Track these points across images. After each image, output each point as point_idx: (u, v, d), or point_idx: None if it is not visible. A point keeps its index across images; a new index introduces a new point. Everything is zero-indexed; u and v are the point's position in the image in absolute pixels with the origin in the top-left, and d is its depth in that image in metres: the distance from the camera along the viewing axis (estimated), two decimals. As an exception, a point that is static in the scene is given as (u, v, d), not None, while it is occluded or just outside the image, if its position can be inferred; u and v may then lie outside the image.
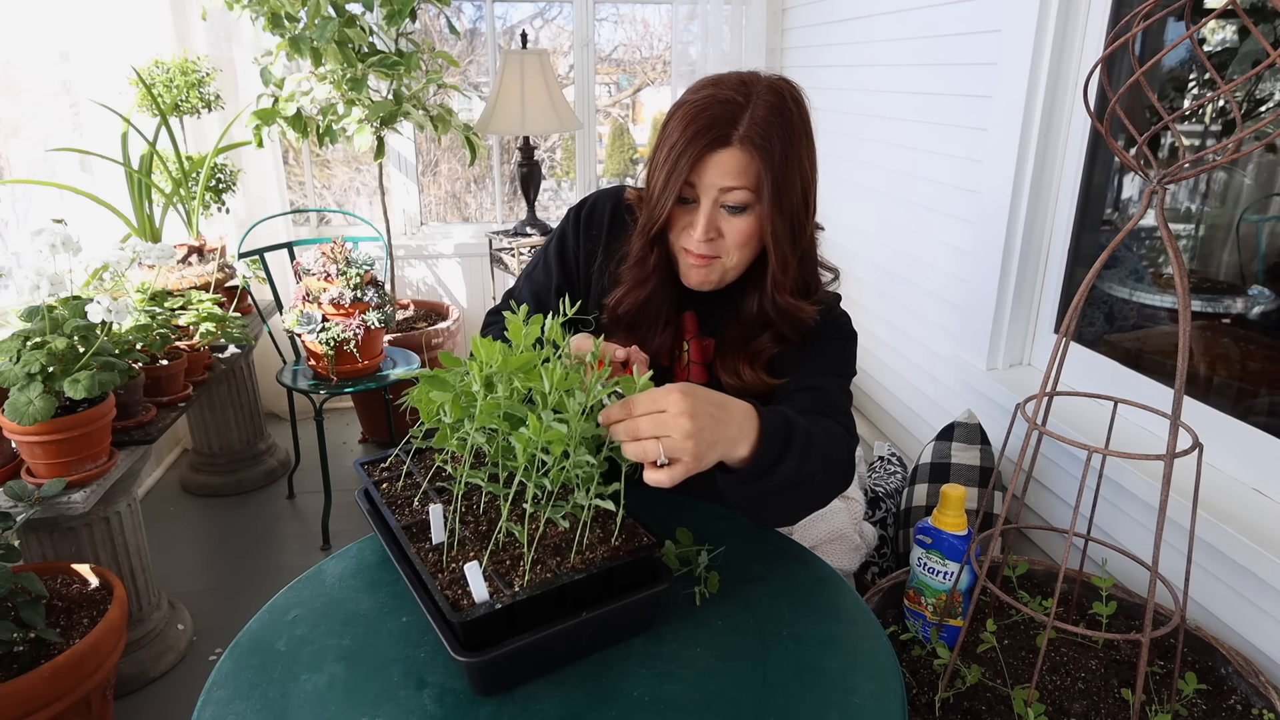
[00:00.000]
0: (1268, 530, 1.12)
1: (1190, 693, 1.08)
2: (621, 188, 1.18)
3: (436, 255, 3.15)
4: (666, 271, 1.08)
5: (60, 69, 2.36)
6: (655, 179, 0.99)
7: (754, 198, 0.97)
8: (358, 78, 2.31)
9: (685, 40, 2.90)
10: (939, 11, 1.86)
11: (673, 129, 0.97)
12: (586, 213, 1.17)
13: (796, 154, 0.98)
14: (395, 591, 0.92)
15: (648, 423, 0.77)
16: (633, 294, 1.07)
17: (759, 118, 0.94)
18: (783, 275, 1.03)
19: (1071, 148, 1.56)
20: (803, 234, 1.04)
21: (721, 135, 0.94)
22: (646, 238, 1.04)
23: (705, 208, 0.98)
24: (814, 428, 0.92)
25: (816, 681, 0.79)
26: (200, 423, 2.58)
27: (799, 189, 0.99)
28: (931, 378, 2.01)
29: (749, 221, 0.99)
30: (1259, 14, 1.22)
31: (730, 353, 1.10)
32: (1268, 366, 1.29)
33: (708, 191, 0.97)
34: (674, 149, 0.95)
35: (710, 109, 0.94)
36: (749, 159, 0.95)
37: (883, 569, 1.85)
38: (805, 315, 1.06)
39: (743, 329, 1.09)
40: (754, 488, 0.87)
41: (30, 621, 1.34)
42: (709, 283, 1.05)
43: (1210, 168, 0.88)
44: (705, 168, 0.95)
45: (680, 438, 0.77)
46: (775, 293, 1.05)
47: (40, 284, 1.43)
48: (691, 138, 0.94)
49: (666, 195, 0.97)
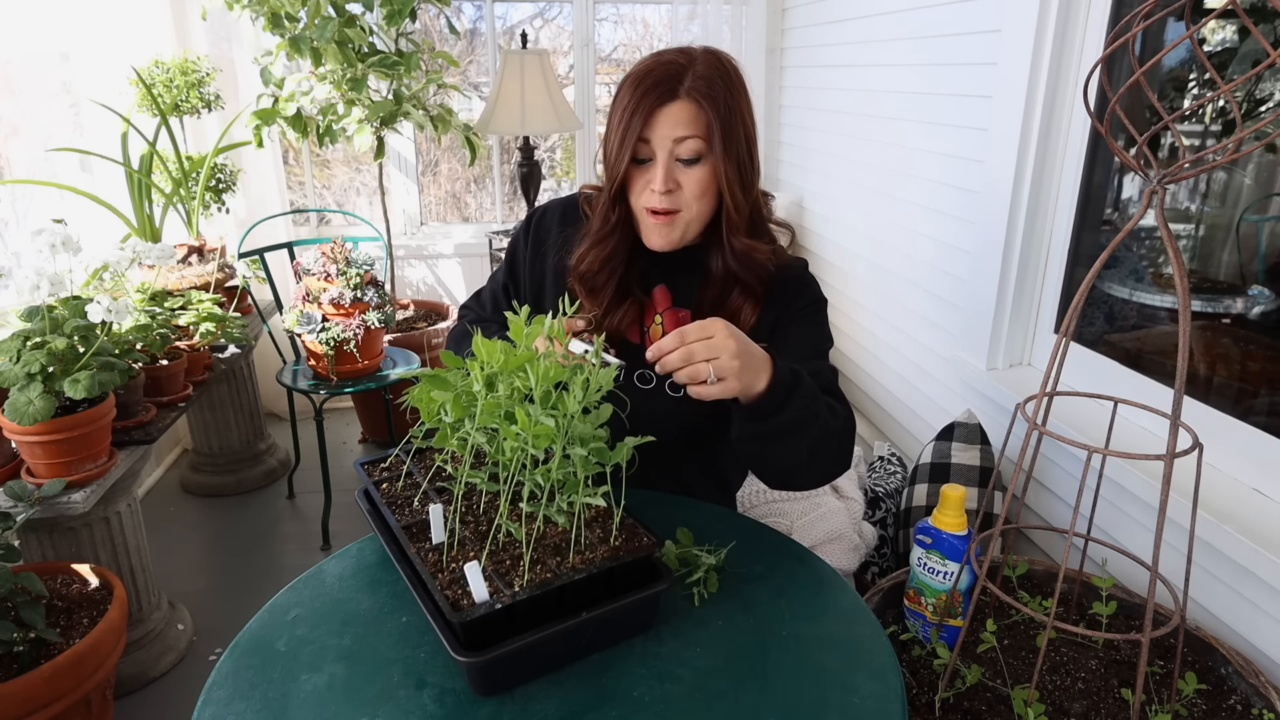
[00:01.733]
0: (1268, 530, 1.12)
1: (1190, 693, 1.08)
2: (574, 194, 1.26)
3: (436, 255, 3.15)
4: (628, 233, 1.14)
5: (60, 69, 2.36)
6: (611, 142, 1.07)
7: (705, 146, 1.04)
8: (358, 78, 2.31)
9: (685, 40, 2.90)
10: (939, 11, 1.86)
11: (623, 94, 1.05)
12: (538, 218, 1.27)
13: (738, 105, 1.05)
14: (395, 591, 0.92)
15: (701, 347, 0.87)
16: (594, 250, 1.14)
17: (701, 73, 1.03)
18: (737, 215, 1.09)
19: (1071, 148, 1.56)
20: (750, 183, 1.10)
21: (669, 89, 1.02)
22: (609, 198, 1.10)
23: (662, 160, 1.04)
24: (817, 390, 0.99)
25: (816, 681, 0.79)
26: (200, 423, 2.58)
27: (743, 138, 1.06)
28: (931, 378, 2.01)
29: (704, 171, 1.06)
30: (1259, 14, 1.22)
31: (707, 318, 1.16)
32: (1268, 366, 1.29)
33: (662, 144, 1.04)
34: (626, 110, 1.03)
35: (656, 70, 1.03)
36: (697, 109, 1.02)
37: (883, 569, 1.85)
38: (761, 256, 1.12)
39: (716, 291, 1.15)
40: (765, 424, 0.95)
41: (30, 621, 1.34)
42: (672, 241, 1.11)
43: (1210, 168, 0.88)
44: (657, 122, 1.03)
45: (728, 357, 0.87)
46: (730, 235, 1.11)
47: (40, 284, 1.43)
48: (642, 96, 1.02)
49: (623, 152, 1.04)
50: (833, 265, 2.57)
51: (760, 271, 1.13)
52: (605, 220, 1.12)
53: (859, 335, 2.43)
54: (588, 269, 1.14)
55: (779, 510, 1.87)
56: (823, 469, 1.04)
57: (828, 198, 2.59)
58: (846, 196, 2.44)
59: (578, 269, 1.15)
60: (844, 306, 2.51)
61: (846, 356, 2.53)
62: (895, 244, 2.15)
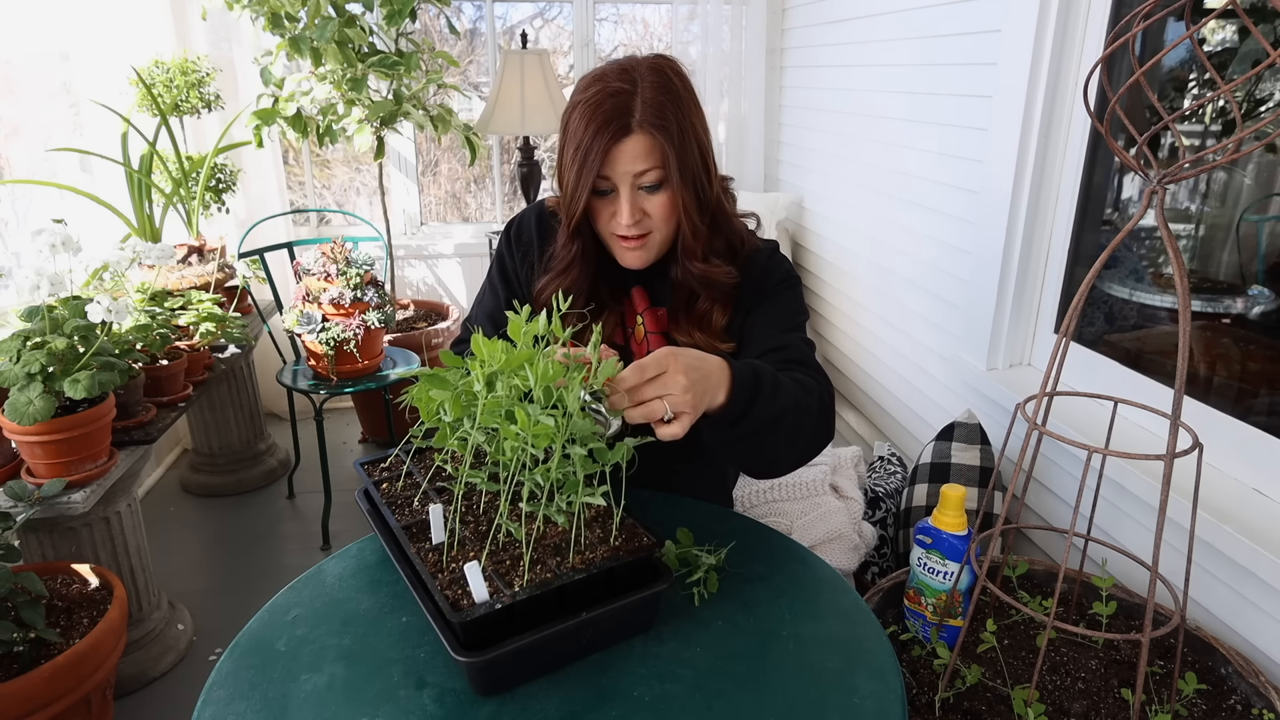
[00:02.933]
0: (1268, 530, 1.12)
1: (1190, 693, 1.07)
2: (542, 202, 1.26)
3: (436, 255, 3.15)
4: (590, 260, 1.14)
5: (60, 69, 2.36)
6: (567, 177, 1.06)
7: (664, 174, 1.04)
8: (358, 78, 2.31)
9: (685, 40, 2.90)
10: (939, 11, 1.86)
11: (575, 128, 1.03)
12: (515, 230, 1.25)
13: (690, 123, 1.04)
14: (395, 591, 0.92)
15: (649, 386, 0.84)
16: (557, 281, 1.14)
17: (649, 99, 1.01)
18: (693, 241, 1.09)
19: (1071, 148, 1.56)
20: (708, 197, 1.10)
21: (622, 125, 1.01)
22: (568, 231, 1.10)
23: (625, 194, 1.05)
24: (782, 375, 0.98)
25: (816, 681, 0.79)
26: (200, 423, 2.58)
27: (697, 155, 1.06)
28: (931, 378, 2.01)
29: (667, 194, 1.06)
30: (1259, 14, 1.22)
31: (680, 319, 1.16)
32: (1268, 366, 1.29)
33: (623, 179, 1.04)
34: (580, 147, 1.02)
35: (604, 103, 1.01)
36: (652, 140, 1.02)
37: (883, 569, 1.85)
38: (720, 277, 1.12)
39: (682, 297, 1.16)
40: (734, 431, 0.93)
41: (30, 621, 1.34)
42: (648, 260, 1.12)
43: (1210, 168, 0.88)
44: (615, 159, 1.02)
45: (680, 392, 0.84)
46: (686, 261, 1.11)
47: (40, 284, 1.43)
48: (595, 133, 1.01)
49: (581, 189, 1.04)
50: (833, 265, 2.57)
51: (722, 288, 1.14)
52: (567, 251, 1.13)
53: (859, 335, 2.43)
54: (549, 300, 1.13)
55: (779, 510, 1.87)
56: (803, 448, 1.03)
57: (828, 198, 2.59)
58: (846, 196, 2.44)
59: (539, 299, 1.15)
60: (844, 306, 2.51)
61: (847, 356, 2.53)
62: (895, 244, 2.15)
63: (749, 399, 0.92)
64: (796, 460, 1.04)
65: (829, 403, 1.04)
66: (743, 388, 0.91)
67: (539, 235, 1.22)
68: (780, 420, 0.95)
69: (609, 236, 1.11)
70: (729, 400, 0.90)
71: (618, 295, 1.19)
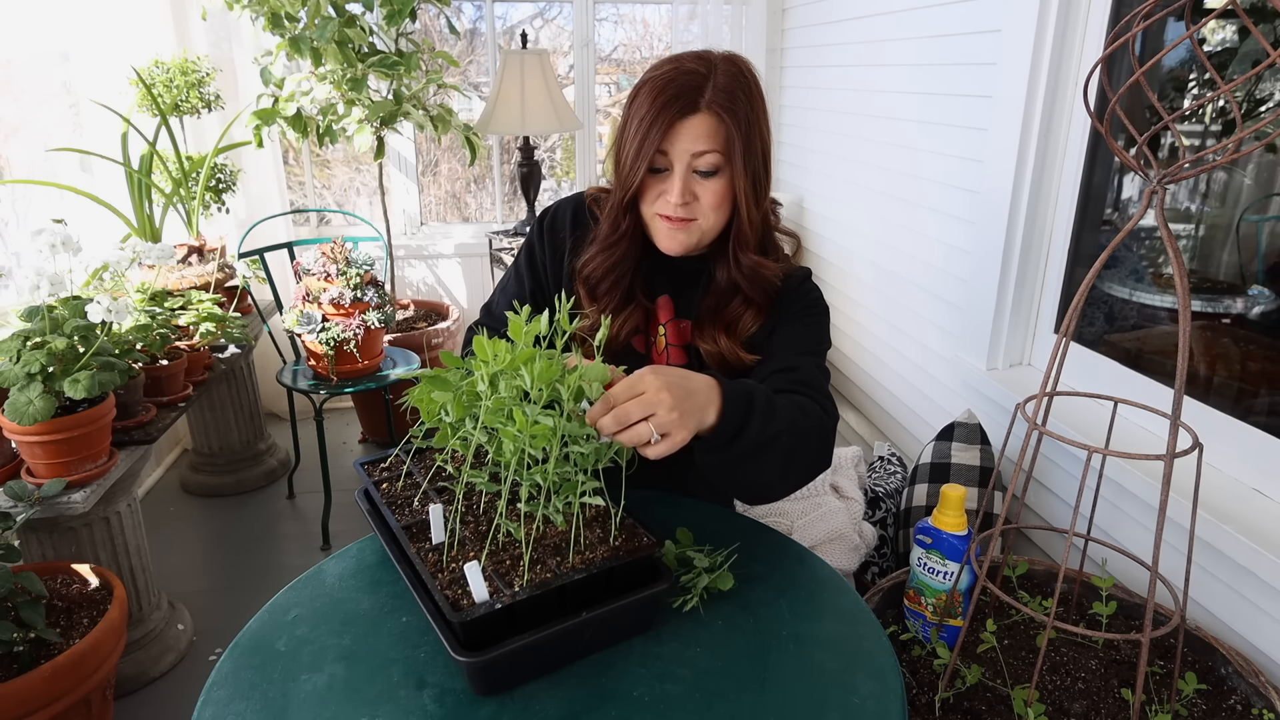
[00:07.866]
0: (1268, 530, 1.12)
1: (1190, 693, 1.07)
2: (581, 194, 1.24)
3: (436, 255, 3.14)
4: (638, 240, 1.13)
5: (60, 69, 2.36)
6: (626, 151, 1.05)
7: (724, 160, 1.02)
8: (358, 78, 2.31)
9: (685, 40, 2.90)
10: (939, 11, 1.86)
11: (640, 103, 1.02)
12: (550, 220, 1.23)
13: (757, 118, 1.04)
14: (395, 591, 0.92)
15: (634, 406, 0.81)
16: (601, 255, 1.13)
17: (722, 84, 1.01)
18: (749, 230, 1.08)
19: (1071, 148, 1.56)
20: (764, 194, 1.09)
21: (690, 102, 1.00)
22: (620, 206, 1.09)
23: (679, 172, 1.03)
24: (779, 398, 0.95)
25: (816, 681, 0.79)
26: (200, 423, 2.58)
27: (760, 151, 1.05)
28: (931, 378, 2.01)
29: (721, 183, 1.04)
30: (1259, 14, 1.22)
31: (707, 323, 1.15)
32: (1268, 366, 1.29)
33: (680, 157, 1.02)
34: (644, 120, 1.01)
35: (676, 79, 1.01)
36: (717, 122, 1.01)
37: (883, 569, 1.85)
38: (769, 273, 1.12)
39: (716, 299, 1.14)
40: (726, 452, 0.91)
41: (30, 621, 1.34)
42: (687, 246, 1.10)
43: (1210, 168, 0.88)
44: (677, 135, 1.01)
45: (665, 411, 0.81)
46: (739, 250, 1.10)
47: (40, 284, 1.43)
48: (661, 108, 1.00)
49: (639, 163, 1.02)
50: (833, 265, 2.57)
51: (767, 286, 1.12)
52: (615, 227, 1.11)
53: (859, 335, 2.43)
54: (593, 273, 1.13)
55: (779, 510, 1.87)
56: (799, 474, 1.00)
57: (827, 198, 2.59)
58: (846, 196, 2.44)
59: (583, 272, 1.14)
60: (844, 307, 2.51)
61: (847, 356, 2.53)
62: (895, 244, 2.15)
63: (743, 417, 0.89)
64: (791, 485, 1.00)
65: (829, 431, 1.01)
66: (734, 406, 0.88)
67: (573, 228, 1.20)
68: (776, 441, 0.92)
69: (652, 217, 1.09)
70: (721, 419, 0.87)
71: (647, 293, 1.17)
